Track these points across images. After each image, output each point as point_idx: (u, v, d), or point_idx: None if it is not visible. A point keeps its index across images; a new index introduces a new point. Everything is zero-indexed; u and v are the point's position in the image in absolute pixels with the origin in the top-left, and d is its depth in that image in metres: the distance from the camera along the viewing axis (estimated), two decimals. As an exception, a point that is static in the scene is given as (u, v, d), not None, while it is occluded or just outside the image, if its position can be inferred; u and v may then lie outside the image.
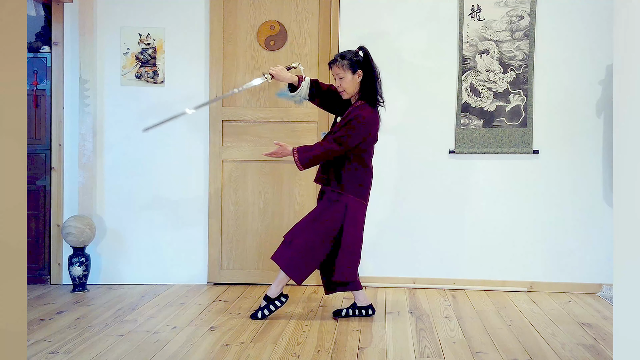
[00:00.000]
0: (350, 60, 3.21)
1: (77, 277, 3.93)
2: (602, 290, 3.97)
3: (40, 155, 4.09)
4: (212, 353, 2.79)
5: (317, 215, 3.28)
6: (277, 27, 4.10)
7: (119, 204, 4.15)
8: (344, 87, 3.25)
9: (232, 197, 4.14)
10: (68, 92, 4.09)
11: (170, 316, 3.39)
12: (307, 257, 3.25)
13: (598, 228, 3.99)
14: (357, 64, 3.21)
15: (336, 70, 3.24)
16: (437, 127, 4.07)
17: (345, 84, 3.24)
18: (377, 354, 2.80)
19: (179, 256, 4.16)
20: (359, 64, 3.22)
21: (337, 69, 3.23)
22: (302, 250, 3.23)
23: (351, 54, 3.24)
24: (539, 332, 3.16)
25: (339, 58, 3.24)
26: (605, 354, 2.82)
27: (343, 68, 3.21)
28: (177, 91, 4.13)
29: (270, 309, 3.32)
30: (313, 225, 3.26)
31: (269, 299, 3.33)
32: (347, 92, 3.27)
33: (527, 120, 3.99)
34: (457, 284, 4.07)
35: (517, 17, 3.98)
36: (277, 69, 3.37)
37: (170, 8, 4.11)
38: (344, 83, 3.24)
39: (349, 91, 3.26)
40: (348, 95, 3.28)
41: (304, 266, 3.25)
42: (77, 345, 2.88)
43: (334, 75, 3.28)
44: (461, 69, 4.02)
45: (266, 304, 3.33)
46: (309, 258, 3.25)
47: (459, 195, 4.07)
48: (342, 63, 3.21)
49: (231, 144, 4.13)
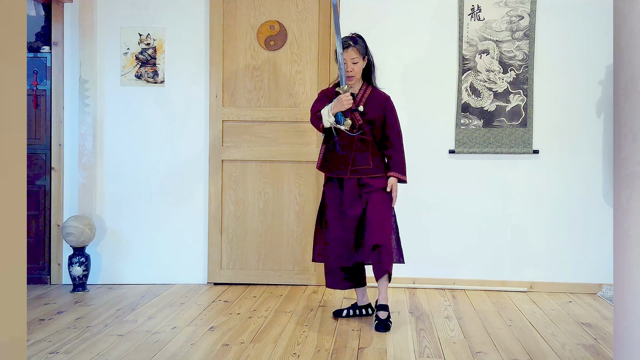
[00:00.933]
0: (363, 45, 3.20)
1: (77, 277, 3.93)
2: (602, 290, 3.97)
3: (40, 155, 4.09)
4: (212, 353, 2.79)
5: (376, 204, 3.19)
6: (277, 27, 4.10)
7: (119, 204, 4.15)
8: (356, 71, 3.18)
9: (232, 197, 4.14)
10: (68, 92, 4.09)
11: (170, 316, 3.39)
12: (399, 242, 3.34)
13: (598, 228, 3.99)
14: (366, 50, 3.21)
15: (353, 54, 3.14)
16: (437, 127, 4.07)
17: (357, 69, 3.18)
18: (377, 354, 2.80)
19: (179, 256, 4.16)
20: (366, 50, 3.22)
21: (354, 52, 3.14)
22: (396, 243, 3.31)
23: (361, 40, 3.21)
24: (539, 332, 3.16)
25: (352, 43, 3.15)
26: (605, 354, 2.82)
27: (359, 53, 3.16)
28: (177, 91, 4.13)
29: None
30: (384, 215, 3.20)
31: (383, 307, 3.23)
32: (356, 77, 3.21)
33: (527, 120, 3.99)
34: (457, 284, 4.07)
35: (517, 17, 3.98)
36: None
37: (170, 8, 4.11)
38: (356, 68, 3.17)
39: (358, 76, 3.22)
40: (356, 80, 3.22)
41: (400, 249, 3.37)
42: (77, 345, 2.88)
43: (346, 60, 3.14)
44: (461, 69, 4.02)
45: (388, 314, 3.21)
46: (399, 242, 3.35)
47: (459, 195, 4.07)
48: (358, 47, 3.15)
49: (231, 144, 4.13)
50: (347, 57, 3.14)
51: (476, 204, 4.07)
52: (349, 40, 3.16)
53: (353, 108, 3.17)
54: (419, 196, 4.09)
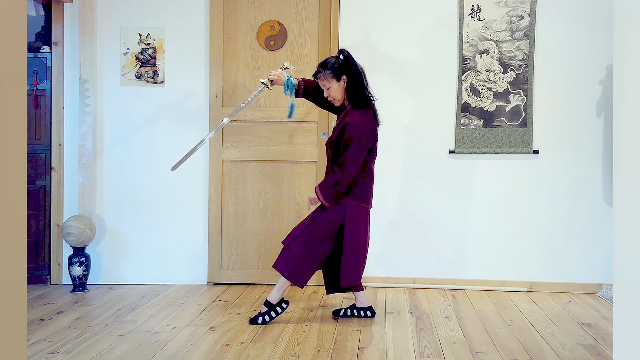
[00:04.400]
0: (332, 68, 3.20)
1: (77, 277, 3.93)
2: (602, 290, 3.97)
3: (40, 155, 4.09)
4: (212, 353, 2.79)
5: (314, 217, 3.27)
6: (277, 27, 4.10)
7: (119, 204, 4.15)
8: (332, 96, 3.27)
9: (232, 197, 4.14)
10: (68, 92, 4.09)
11: (170, 316, 3.39)
12: (307, 260, 3.22)
13: (598, 228, 3.99)
14: (340, 69, 3.19)
15: (322, 82, 3.26)
16: (437, 127, 4.07)
17: (333, 93, 3.26)
18: (377, 354, 2.80)
19: (179, 256, 4.16)
20: (342, 68, 3.20)
21: (322, 80, 3.25)
22: (301, 254, 3.22)
23: (332, 61, 3.22)
24: (539, 332, 3.16)
25: (321, 69, 3.23)
26: (605, 354, 2.82)
27: (327, 78, 3.22)
28: (177, 91, 4.13)
29: (272, 315, 3.29)
30: (310, 227, 3.24)
31: (270, 305, 3.29)
32: (337, 100, 3.29)
33: (527, 120, 3.99)
34: (457, 284, 4.07)
35: (517, 17, 3.98)
36: (277, 74, 3.39)
37: (170, 8, 4.11)
38: (332, 92, 3.25)
39: (338, 98, 3.28)
40: (338, 102, 3.30)
41: (304, 269, 3.23)
42: (77, 345, 2.88)
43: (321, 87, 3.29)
44: (461, 69, 4.02)
45: (267, 309, 3.28)
46: (309, 261, 3.23)
47: (459, 195, 4.07)
48: (325, 74, 3.22)
49: (231, 144, 4.13)
50: (320, 85, 3.29)
51: (476, 204, 4.07)
52: (318, 66, 3.27)
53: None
54: (419, 196, 4.09)
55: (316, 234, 3.22)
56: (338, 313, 3.39)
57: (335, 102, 3.30)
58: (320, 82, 3.27)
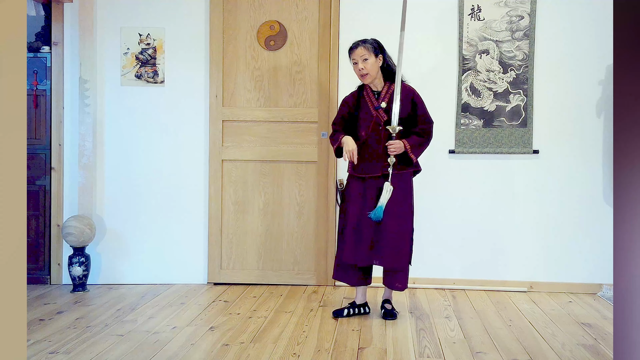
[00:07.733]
0: (373, 44, 3.30)
1: (77, 277, 3.93)
2: (602, 290, 3.97)
3: (40, 155, 4.09)
4: (212, 353, 2.80)
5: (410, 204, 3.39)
6: (277, 27, 4.10)
7: (119, 204, 4.15)
8: (367, 69, 3.27)
9: (232, 197, 4.14)
10: (68, 92, 4.09)
11: (170, 316, 3.39)
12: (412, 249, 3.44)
13: (598, 228, 3.99)
14: (378, 49, 3.31)
15: (361, 52, 3.27)
16: (437, 127, 4.04)
17: (368, 66, 3.27)
18: (377, 354, 2.80)
19: (179, 256, 4.16)
20: (379, 49, 3.31)
21: (362, 50, 3.27)
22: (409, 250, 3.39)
23: (370, 40, 3.33)
24: (539, 332, 3.16)
25: (361, 42, 3.30)
26: (605, 354, 2.82)
27: (368, 50, 3.27)
28: (177, 91, 4.13)
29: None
30: (409, 225, 3.38)
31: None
32: (371, 75, 3.29)
33: (527, 120, 3.99)
34: (457, 284, 4.07)
35: (517, 17, 3.98)
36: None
37: (170, 8, 4.11)
38: (367, 65, 3.26)
39: (372, 73, 3.29)
40: (370, 78, 3.30)
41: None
42: (77, 345, 2.88)
43: (354, 59, 3.29)
44: (461, 69, 4.02)
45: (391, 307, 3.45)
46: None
47: (459, 195, 4.07)
48: (366, 46, 3.28)
49: (231, 144, 4.13)
50: (357, 56, 3.28)
51: (476, 203, 4.07)
52: (357, 41, 3.32)
53: (377, 105, 3.34)
54: (419, 196, 4.08)
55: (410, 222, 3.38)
56: (340, 314, 3.39)
57: (366, 78, 3.30)
58: (358, 52, 3.28)
